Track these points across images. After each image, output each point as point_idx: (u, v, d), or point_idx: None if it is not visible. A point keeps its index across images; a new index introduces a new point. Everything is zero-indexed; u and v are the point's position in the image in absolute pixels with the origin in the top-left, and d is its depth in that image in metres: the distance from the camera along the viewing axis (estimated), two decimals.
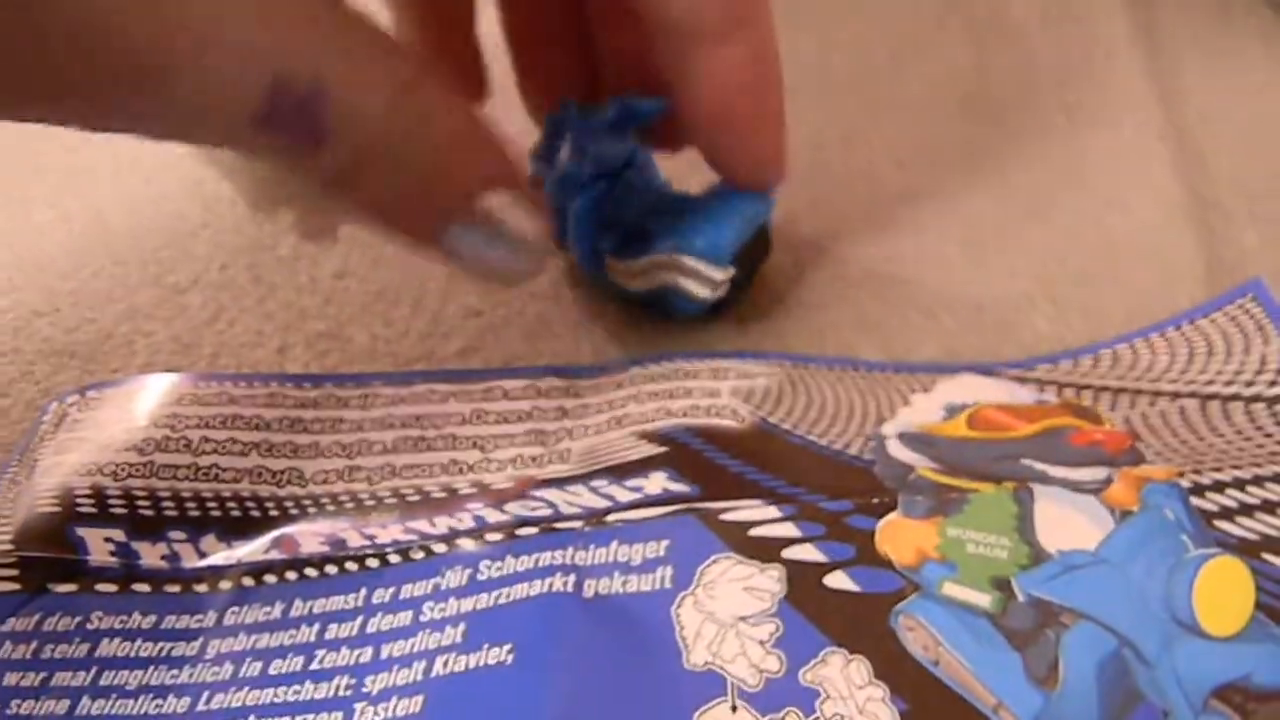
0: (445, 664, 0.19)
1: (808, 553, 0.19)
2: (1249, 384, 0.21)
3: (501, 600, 0.19)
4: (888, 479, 0.20)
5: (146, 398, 0.24)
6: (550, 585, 0.19)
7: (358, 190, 0.19)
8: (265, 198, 0.30)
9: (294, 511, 0.22)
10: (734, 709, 0.18)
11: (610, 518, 0.20)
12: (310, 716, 0.19)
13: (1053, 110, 0.30)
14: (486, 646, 0.19)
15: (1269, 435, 0.20)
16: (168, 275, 0.28)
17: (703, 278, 0.24)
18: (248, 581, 0.21)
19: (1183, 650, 0.17)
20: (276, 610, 0.20)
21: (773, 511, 0.20)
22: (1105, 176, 0.28)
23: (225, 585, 0.21)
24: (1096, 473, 0.19)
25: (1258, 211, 0.26)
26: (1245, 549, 0.18)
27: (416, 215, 0.20)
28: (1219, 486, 0.19)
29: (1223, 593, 0.18)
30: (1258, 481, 0.19)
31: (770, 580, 0.19)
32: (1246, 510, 0.19)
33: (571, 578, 0.19)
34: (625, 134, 0.25)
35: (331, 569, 0.21)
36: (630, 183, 0.25)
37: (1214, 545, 0.18)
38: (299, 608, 0.20)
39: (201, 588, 0.21)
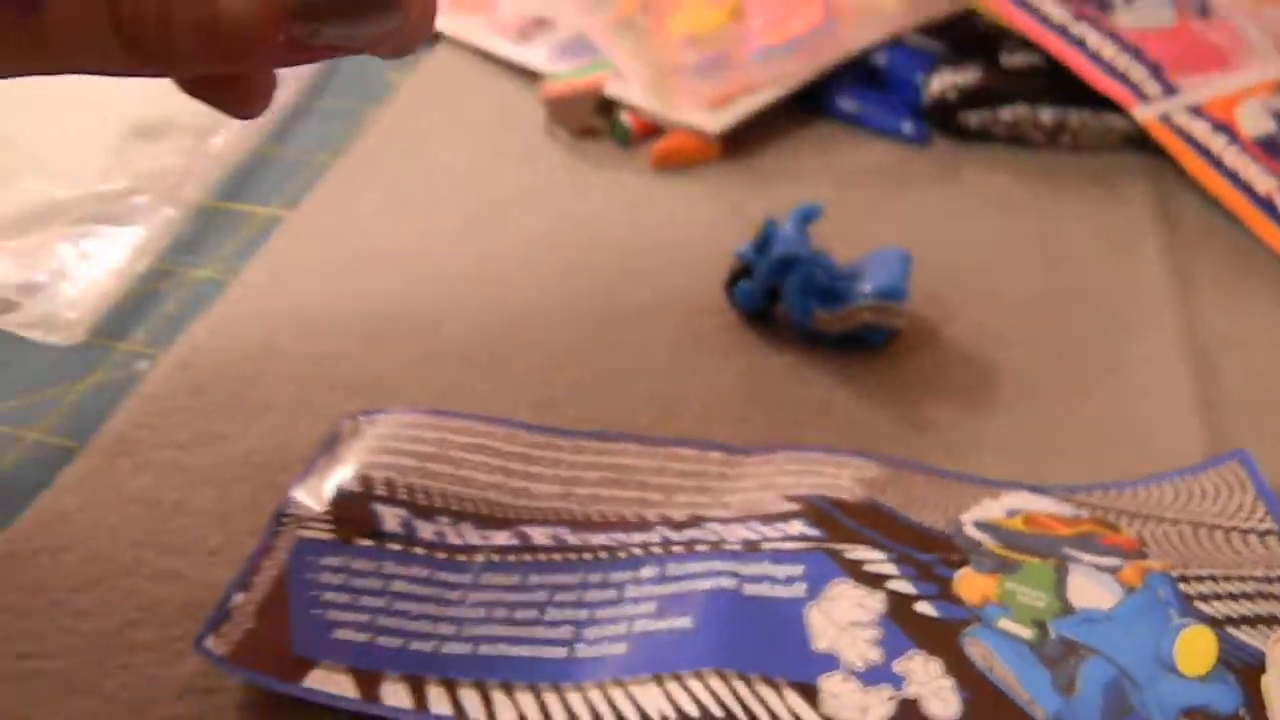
0: (643, 625, 0.27)
1: (903, 586, 0.27)
2: (1229, 520, 0.29)
3: (684, 589, 0.27)
4: (963, 547, 0.28)
5: (419, 424, 0.33)
6: (720, 584, 0.27)
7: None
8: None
9: (526, 517, 0.30)
10: (845, 679, 0.25)
11: (762, 546, 0.28)
12: (544, 646, 0.27)
13: (1099, 317, 0.39)
14: (672, 617, 0.27)
15: (1238, 552, 0.28)
16: (426, 345, 0.37)
17: (892, 312, 0.36)
18: (495, 557, 0.29)
19: (1163, 683, 0.25)
20: (515, 578, 0.29)
21: (879, 555, 0.28)
22: (1135, 372, 0.37)
23: (479, 558, 0.29)
24: (1114, 561, 0.28)
25: (1257, 419, 0.35)
26: (1214, 623, 0.26)
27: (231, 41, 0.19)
28: (1199, 579, 0.27)
29: (1195, 648, 0.25)
30: (1227, 579, 0.27)
31: (876, 601, 0.27)
32: (1217, 597, 0.26)
33: (734, 580, 0.27)
34: (804, 230, 0.37)
35: (556, 556, 0.29)
36: (818, 261, 0.36)
37: (1192, 617, 0.26)
38: (534, 580, 0.28)
39: (461, 557, 0.29)
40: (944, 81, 0.47)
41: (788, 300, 0.37)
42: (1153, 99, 0.45)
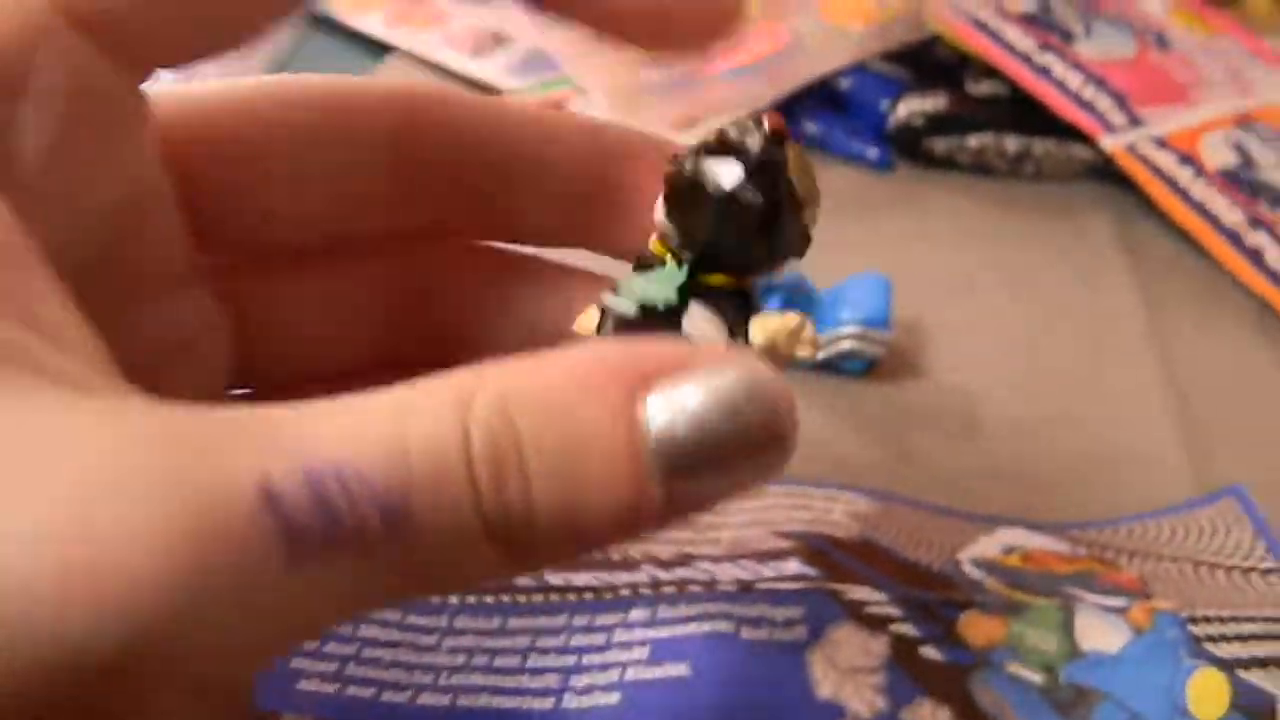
0: (636, 672, 0.25)
1: (907, 629, 0.26)
2: (1229, 557, 0.29)
3: (678, 632, 0.26)
4: (964, 587, 0.27)
5: None
6: (716, 627, 0.26)
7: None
8: None
9: None
10: None
11: (757, 586, 0.27)
12: (528, 697, 0.25)
13: (1074, 348, 0.39)
14: (668, 663, 0.25)
15: (1242, 592, 0.27)
16: None
17: (871, 339, 0.35)
18: (471, 600, 0.27)
19: None
20: (495, 622, 0.27)
21: (880, 596, 0.27)
22: (1113, 403, 0.36)
23: (453, 600, 0.27)
24: (1119, 600, 0.27)
25: (1234, 443, 0.35)
26: (1224, 665, 0.25)
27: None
28: (1207, 620, 0.26)
29: (1208, 692, 0.25)
30: (1235, 620, 0.26)
31: (880, 645, 0.26)
32: (1226, 639, 0.26)
33: (731, 623, 0.26)
34: None
35: (538, 597, 0.27)
36: (797, 288, 0.35)
37: (1202, 660, 0.25)
38: (514, 623, 0.27)
39: (435, 600, 0.27)
40: (911, 107, 0.47)
41: None
42: (1119, 129, 0.45)
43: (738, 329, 0.19)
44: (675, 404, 0.14)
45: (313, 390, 0.14)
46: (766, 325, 0.19)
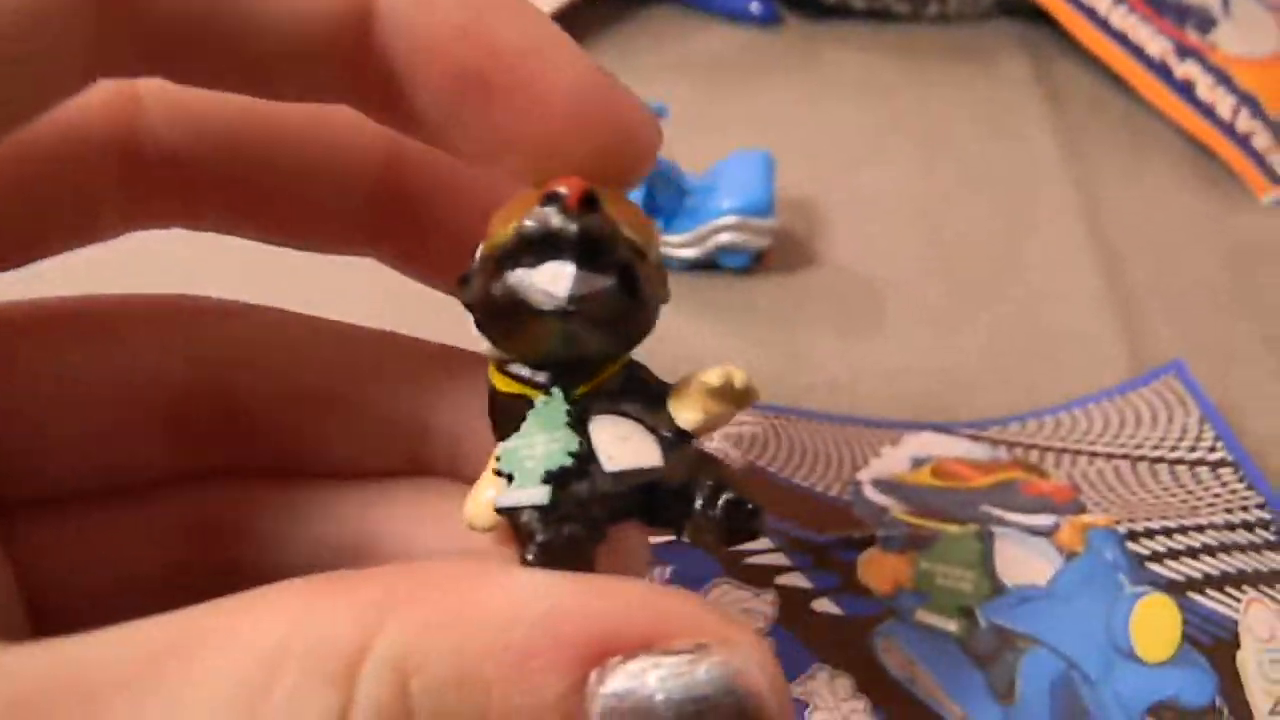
0: None
1: (797, 580, 0.22)
2: (1172, 449, 0.25)
3: None
4: (865, 517, 0.23)
5: None
6: None
7: None
8: None
9: None
10: None
11: None
12: None
13: (991, 212, 0.34)
14: None
15: (1190, 492, 0.23)
16: None
17: (753, 229, 0.30)
18: None
19: (1121, 673, 0.20)
20: None
21: (766, 543, 0.22)
22: (1040, 274, 0.32)
23: None
24: (1046, 519, 0.22)
25: (1171, 307, 0.30)
26: (1173, 588, 0.21)
27: None
28: (1150, 534, 0.22)
29: (1154, 625, 0.21)
30: (1182, 530, 0.22)
31: (764, 604, 0.21)
32: (1174, 555, 0.22)
33: None
34: None
35: None
36: (662, 174, 0.30)
37: (1146, 584, 0.21)
38: None
39: None
40: None
41: None
42: None
43: (659, 418, 0.14)
44: (633, 697, 0.11)
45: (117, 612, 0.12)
46: (689, 399, 0.14)
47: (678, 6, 0.42)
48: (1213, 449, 0.24)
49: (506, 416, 0.14)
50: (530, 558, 0.13)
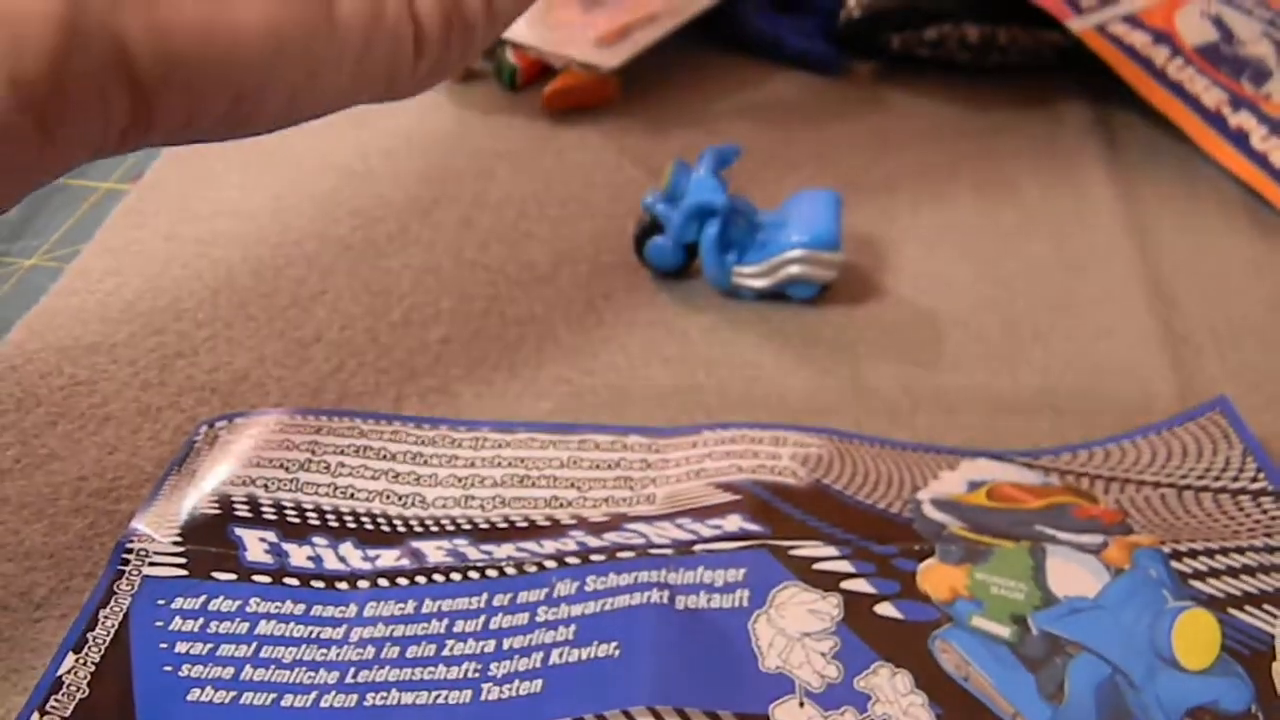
0: (561, 655, 0.23)
1: (861, 586, 0.23)
2: (1216, 479, 0.26)
3: (607, 608, 0.23)
4: (924, 533, 0.25)
5: (288, 426, 0.28)
6: (648, 598, 0.23)
7: None
8: None
9: (419, 529, 0.26)
10: (801, 704, 0.22)
11: (696, 548, 0.24)
12: (444, 692, 0.22)
13: (1046, 252, 0.36)
14: (596, 643, 0.23)
15: (1232, 518, 0.25)
16: (293, 331, 0.32)
17: (821, 262, 0.32)
18: (383, 582, 0.25)
19: (1163, 679, 0.22)
20: (409, 606, 0.24)
21: (831, 551, 0.24)
22: (1093, 311, 0.33)
23: (363, 584, 0.25)
24: (1095, 538, 0.24)
25: (1222, 347, 0.32)
26: (1213, 604, 0.23)
27: None
28: (1193, 554, 0.23)
29: (1195, 636, 0.22)
30: (1224, 552, 0.24)
31: (830, 605, 0.23)
32: (1215, 573, 0.23)
33: (666, 593, 0.23)
34: (719, 175, 0.33)
35: (456, 576, 0.25)
36: (737, 209, 0.33)
37: (1189, 599, 0.23)
38: (429, 606, 0.24)
39: (342, 585, 0.25)
40: (861, 1, 0.43)
41: (705, 255, 0.33)
42: (1087, 9, 0.41)
43: None
44: None
45: None
46: None
47: (751, 55, 0.45)
48: (1254, 479, 0.26)
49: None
50: None
